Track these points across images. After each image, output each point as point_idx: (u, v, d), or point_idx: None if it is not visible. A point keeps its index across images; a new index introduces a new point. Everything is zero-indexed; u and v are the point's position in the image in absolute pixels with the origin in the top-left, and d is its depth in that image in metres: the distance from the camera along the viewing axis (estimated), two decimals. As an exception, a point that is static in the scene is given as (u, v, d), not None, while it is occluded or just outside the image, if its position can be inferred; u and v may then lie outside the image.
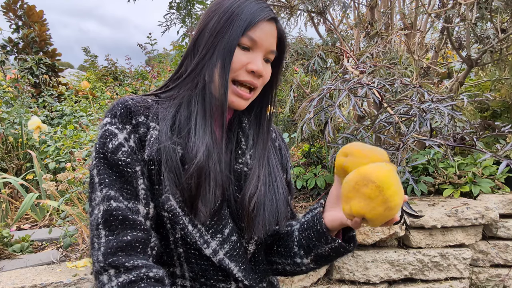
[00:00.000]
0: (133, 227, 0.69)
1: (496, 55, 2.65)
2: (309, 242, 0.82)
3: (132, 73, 7.28)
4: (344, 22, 3.62)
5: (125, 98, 0.76)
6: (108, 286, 0.66)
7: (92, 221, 0.70)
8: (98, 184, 0.70)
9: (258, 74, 0.77)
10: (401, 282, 2.08)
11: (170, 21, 3.27)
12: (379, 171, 0.65)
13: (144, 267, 0.67)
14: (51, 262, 1.78)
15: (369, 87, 1.17)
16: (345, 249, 0.80)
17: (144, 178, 0.73)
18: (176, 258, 0.77)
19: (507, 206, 2.18)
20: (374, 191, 0.64)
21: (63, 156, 2.63)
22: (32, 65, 5.32)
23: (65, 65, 9.79)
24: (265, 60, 0.80)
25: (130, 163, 0.71)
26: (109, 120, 0.73)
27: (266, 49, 0.78)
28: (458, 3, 2.28)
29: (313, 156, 2.93)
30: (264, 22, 0.76)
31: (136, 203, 0.71)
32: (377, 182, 0.64)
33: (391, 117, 1.15)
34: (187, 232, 0.73)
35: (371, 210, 0.65)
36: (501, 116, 3.38)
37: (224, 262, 0.77)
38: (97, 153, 0.72)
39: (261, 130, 0.86)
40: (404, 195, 0.68)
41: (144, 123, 0.74)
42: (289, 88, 2.44)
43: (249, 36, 0.75)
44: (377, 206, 0.64)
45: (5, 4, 5.81)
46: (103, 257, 0.67)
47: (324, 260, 0.83)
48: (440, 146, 0.99)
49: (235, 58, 0.76)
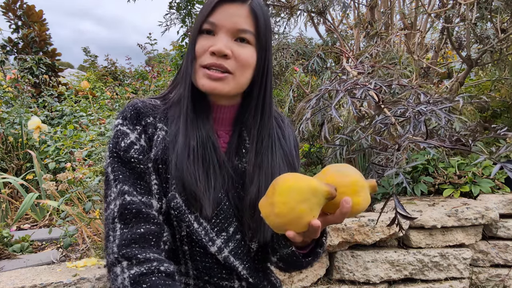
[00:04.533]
0: (147, 220, 0.72)
1: (496, 55, 2.64)
2: (273, 243, 0.82)
3: (132, 73, 7.28)
4: (344, 22, 3.62)
5: (135, 101, 0.80)
6: (121, 278, 0.68)
7: (107, 216, 0.73)
8: (113, 181, 0.73)
9: (219, 53, 0.74)
10: (401, 282, 2.08)
11: (170, 21, 3.27)
12: (288, 179, 0.63)
13: (155, 261, 0.69)
14: (51, 262, 1.78)
15: (366, 88, 1.17)
16: (298, 259, 0.77)
17: (156, 174, 0.76)
18: (181, 256, 0.79)
19: (507, 206, 2.18)
20: (270, 191, 0.64)
21: (63, 156, 2.64)
22: (32, 65, 5.32)
23: (65, 65, 9.79)
24: (239, 40, 0.77)
25: (142, 160, 0.75)
26: (121, 122, 0.77)
27: (230, 29, 0.76)
28: (458, 3, 2.28)
29: (313, 156, 2.93)
30: (223, 4, 0.76)
31: (149, 197, 0.74)
32: (275, 185, 0.63)
33: (388, 118, 1.16)
34: (193, 229, 0.75)
35: (262, 207, 0.65)
36: (501, 116, 3.38)
37: (229, 260, 0.78)
38: (111, 152, 0.75)
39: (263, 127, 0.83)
40: (307, 216, 0.62)
41: (152, 124, 0.78)
42: (288, 88, 2.44)
43: (208, 20, 0.76)
44: (266, 206, 0.64)
45: (4, 4, 5.81)
46: (118, 248, 0.69)
47: (287, 263, 0.81)
48: (436, 148, 0.99)
49: (198, 44, 0.77)
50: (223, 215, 0.78)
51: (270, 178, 0.80)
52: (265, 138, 0.83)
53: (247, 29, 0.76)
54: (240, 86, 0.79)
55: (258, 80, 0.81)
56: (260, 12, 0.78)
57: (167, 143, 0.76)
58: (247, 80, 0.80)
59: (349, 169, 0.68)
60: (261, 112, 0.83)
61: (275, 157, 0.84)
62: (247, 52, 0.77)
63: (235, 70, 0.77)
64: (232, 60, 0.76)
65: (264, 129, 0.83)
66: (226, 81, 0.76)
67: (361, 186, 0.66)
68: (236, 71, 0.77)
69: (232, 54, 0.76)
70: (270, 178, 0.80)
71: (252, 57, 0.78)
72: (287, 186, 0.62)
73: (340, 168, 0.67)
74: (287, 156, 0.87)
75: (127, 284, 0.67)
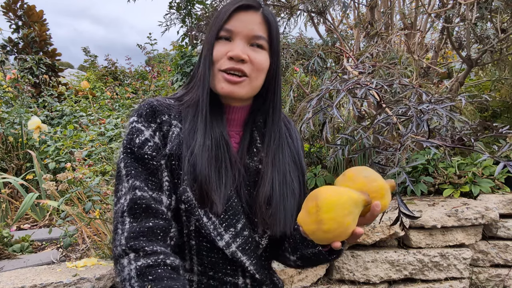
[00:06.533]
0: (156, 215, 0.74)
1: (496, 55, 2.65)
2: (295, 243, 0.86)
3: (132, 73, 7.28)
4: (344, 22, 3.63)
5: (151, 99, 0.82)
6: (128, 269, 0.69)
7: (117, 210, 0.75)
8: (125, 176, 0.75)
9: (236, 58, 0.79)
10: (401, 282, 2.08)
11: (170, 21, 3.27)
12: (329, 194, 0.66)
13: (162, 254, 0.71)
14: (51, 262, 1.78)
15: (367, 87, 1.17)
16: (324, 257, 0.82)
17: (168, 171, 0.78)
18: (187, 252, 0.81)
19: (507, 206, 2.18)
20: (312, 208, 0.67)
21: (63, 156, 2.64)
22: (32, 65, 5.32)
23: (65, 65, 9.79)
24: (254, 46, 0.81)
25: (156, 157, 0.77)
26: (136, 119, 0.79)
27: (246, 35, 0.80)
28: (458, 3, 2.28)
29: (313, 156, 2.93)
30: (239, 11, 0.81)
31: (160, 193, 0.76)
32: (318, 202, 0.66)
33: (390, 117, 1.16)
34: (202, 223, 0.77)
35: (306, 224, 0.68)
36: (501, 116, 3.38)
37: (236, 255, 0.80)
38: (125, 148, 0.78)
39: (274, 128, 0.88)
40: (352, 226, 0.68)
41: (167, 122, 0.80)
42: (289, 88, 2.44)
43: (225, 28, 0.81)
44: (312, 223, 0.67)
45: (5, 4, 5.81)
46: (126, 240, 0.71)
47: (309, 261, 0.86)
48: (438, 147, 0.99)
49: (215, 50, 0.81)
50: (231, 211, 0.80)
51: (282, 175, 0.85)
52: (276, 137, 0.87)
53: (261, 36, 0.81)
54: (254, 89, 0.83)
55: (271, 83, 0.87)
56: (272, 19, 0.83)
57: (181, 140, 0.79)
58: (260, 83, 0.84)
59: (373, 174, 0.73)
60: (273, 112, 0.88)
61: (285, 155, 0.88)
62: (262, 57, 0.82)
63: (251, 73, 0.81)
64: (249, 65, 0.81)
65: (275, 129, 0.88)
66: (242, 85, 0.81)
67: (386, 189, 0.72)
68: (251, 75, 0.81)
69: (248, 58, 0.80)
70: (282, 174, 0.85)
71: (266, 62, 0.83)
72: (332, 202, 0.65)
73: (365, 173, 0.72)
74: (294, 155, 0.92)
75: (133, 275, 0.68)
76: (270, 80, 0.86)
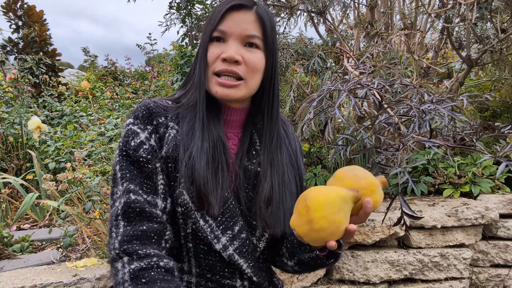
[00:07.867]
0: (150, 219, 0.73)
1: (496, 55, 2.65)
2: (292, 248, 0.85)
3: (132, 73, 7.27)
4: (344, 22, 3.63)
5: (147, 101, 0.81)
6: (121, 273, 0.69)
7: (112, 213, 0.75)
8: (120, 179, 0.75)
9: (230, 60, 0.77)
10: (401, 282, 2.08)
11: (170, 21, 3.27)
12: (318, 193, 0.66)
13: (155, 256, 0.71)
14: (51, 262, 1.78)
15: (368, 88, 1.17)
16: (322, 262, 0.81)
17: (164, 174, 0.77)
18: (185, 254, 0.81)
19: (507, 206, 2.18)
20: (303, 209, 0.67)
21: (63, 156, 2.63)
22: (32, 65, 5.32)
23: (65, 65, 9.78)
24: (248, 45, 0.80)
25: (151, 160, 0.76)
26: (132, 121, 0.79)
27: (239, 35, 0.79)
28: (458, 3, 2.28)
29: (313, 156, 2.93)
30: (232, 11, 0.79)
31: (154, 197, 0.75)
32: (307, 202, 0.66)
33: (391, 118, 1.15)
34: (199, 226, 0.76)
35: (298, 226, 0.68)
36: (501, 116, 3.39)
37: (233, 258, 0.79)
38: (120, 150, 0.77)
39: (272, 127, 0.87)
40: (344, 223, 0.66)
41: (163, 124, 0.79)
42: (289, 88, 2.44)
43: (218, 29, 0.79)
44: (303, 225, 0.67)
45: (5, 4, 5.80)
46: (119, 244, 0.71)
47: (306, 266, 0.85)
48: (440, 147, 0.99)
49: (209, 52, 0.80)
50: (229, 213, 0.79)
51: (280, 175, 0.84)
52: (275, 137, 0.87)
53: (255, 35, 0.80)
54: (251, 90, 0.82)
55: (267, 83, 0.85)
56: (266, 16, 0.81)
57: (178, 142, 0.78)
58: (257, 84, 0.83)
59: (362, 171, 0.72)
60: (271, 112, 0.86)
61: (283, 156, 0.88)
62: (257, 57, 0.81)
63: (246, 75, 0.80)
64: (243, 66, 0.79)
65: (274, 129, 0.87)
66: (239, 88, 0.80)
67: (376, 185, 0.71)
68: (247, 76, 0.80)
69: (242, 59, 0.79)
70: (280, 175, 0.84)
71: (261, 61, 0.81)
72: (321, 201, 0.65)
73: (354, 172, 0.72)
74: (292, 156, 0.91)
75: (127, 278, 0.68)
76: (266, 79, 0.84)
